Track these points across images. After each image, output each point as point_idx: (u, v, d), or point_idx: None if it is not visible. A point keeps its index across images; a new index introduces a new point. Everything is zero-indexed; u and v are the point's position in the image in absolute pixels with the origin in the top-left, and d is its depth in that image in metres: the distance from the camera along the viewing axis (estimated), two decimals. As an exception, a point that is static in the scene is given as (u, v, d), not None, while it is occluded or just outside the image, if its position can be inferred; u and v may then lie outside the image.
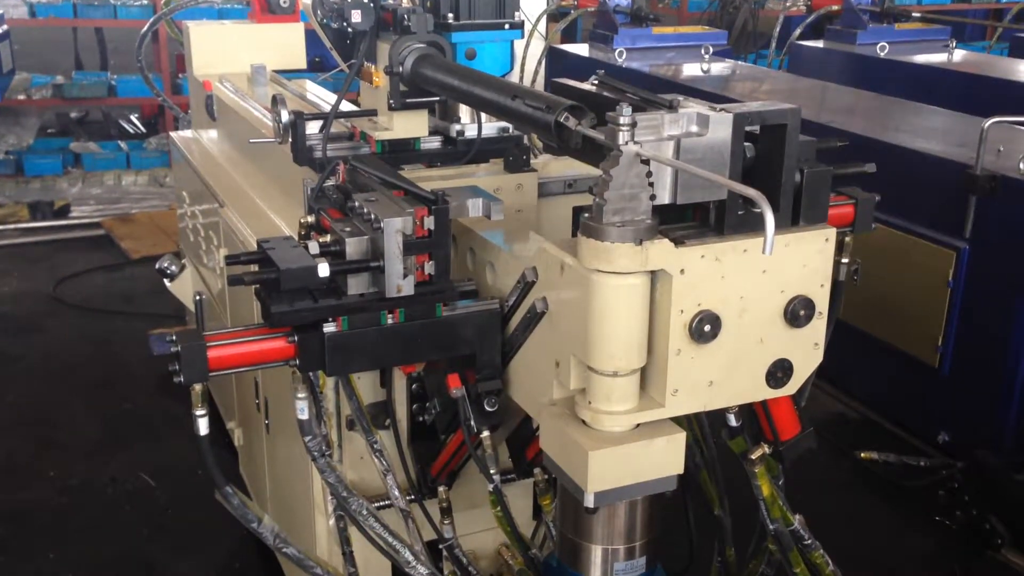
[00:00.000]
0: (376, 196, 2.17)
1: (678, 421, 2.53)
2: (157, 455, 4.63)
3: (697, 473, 2.77)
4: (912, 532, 4.20)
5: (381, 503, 2.70)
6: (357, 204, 2.15)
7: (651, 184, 1.86)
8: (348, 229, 2.12)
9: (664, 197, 1.93)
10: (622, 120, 1.82)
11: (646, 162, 1.84)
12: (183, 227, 5.07)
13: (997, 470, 4.10)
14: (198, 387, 2.06)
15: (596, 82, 2.23)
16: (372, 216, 2.07)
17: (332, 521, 2.74)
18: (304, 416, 2.24)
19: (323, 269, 2.01)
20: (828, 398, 5.13)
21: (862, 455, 4.58)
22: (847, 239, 2.46)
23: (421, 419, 2.64)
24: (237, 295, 3.57)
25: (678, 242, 1.89)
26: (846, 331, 4.73)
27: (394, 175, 2.26)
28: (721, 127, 1.91)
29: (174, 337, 1.99)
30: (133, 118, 9.84)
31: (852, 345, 4.80)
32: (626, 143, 1.82)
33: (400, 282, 2.05)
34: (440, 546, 2.62)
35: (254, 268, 2.17)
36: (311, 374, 2.28)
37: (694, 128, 1.92)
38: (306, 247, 2.08)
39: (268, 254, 2.04)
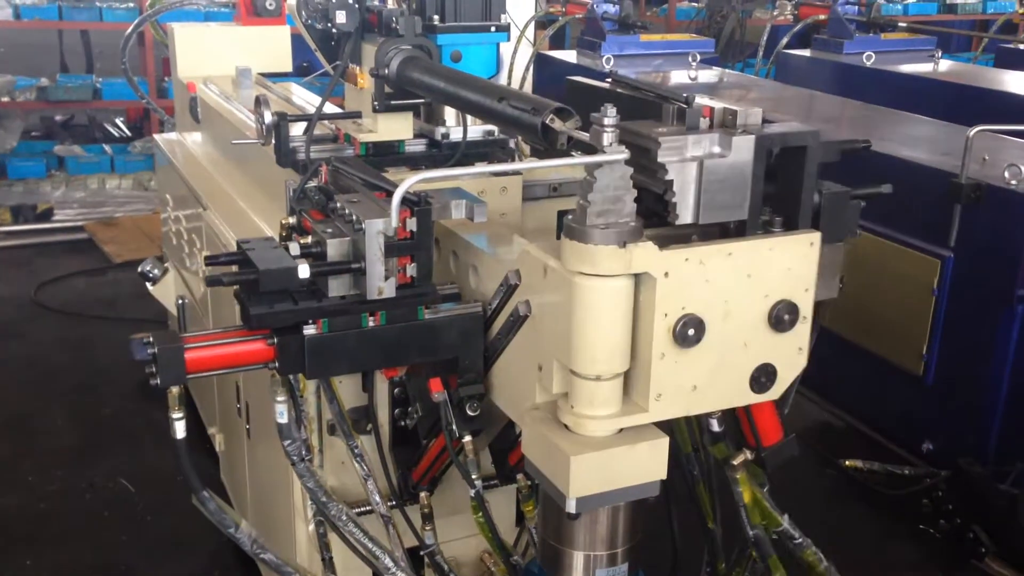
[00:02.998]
0: (358, 197, 2.15)
1: (677, 431, 2.53)
2: (137, 461, 4.59)
3: (694, 485, 2.74)
4: (896, 541, 4.19)
5: (362, 509, 2.67)
6: (339, 205, 2.13)
7: (675, 203, 1.88)
8: (329, 230, 2.10)
9: (687, 217, 1.94)
10: (607, 121, 1.81)
11: (630, 165, 1.83)
12: (166, 231, 5.04)
13: (981, 479, 4.10)
14: (175, 390, 2.03)
15: (610, 81, 2.23)
16: (353, 217, 2.05)
17: (312, 527, 2.72)
18: (283, 420, 2.22)
19: (303, 270, 1.98)
20: (813, 406, 5.13)
21: (846, 463, 4.57)
22: (833, 245, 2.44)
23: (403, 424, 2.61)
24: (219, 298, 3.55)
25: (662, 245, 1.87)
26: (831, 340, 4.73)
27: (376, 176, 2.25)
28: (743, 149, 1.93)
29: (151, 339, 1.96)
30: (119, 121, 9.79)
31: (837, 353, 4.80)
32: (610, 144, 1.80)
33: (381, 284, 2.03)
34: (421, 552, 2.60)
35: (235, 269, 2.14)
36: (291, 377, 2.25)
37: (716, 149, 1.93)
38: (287, 248, 2.06)
39: (248, 255, 2.01)
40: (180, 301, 4.66)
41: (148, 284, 5.03)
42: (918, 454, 4.57)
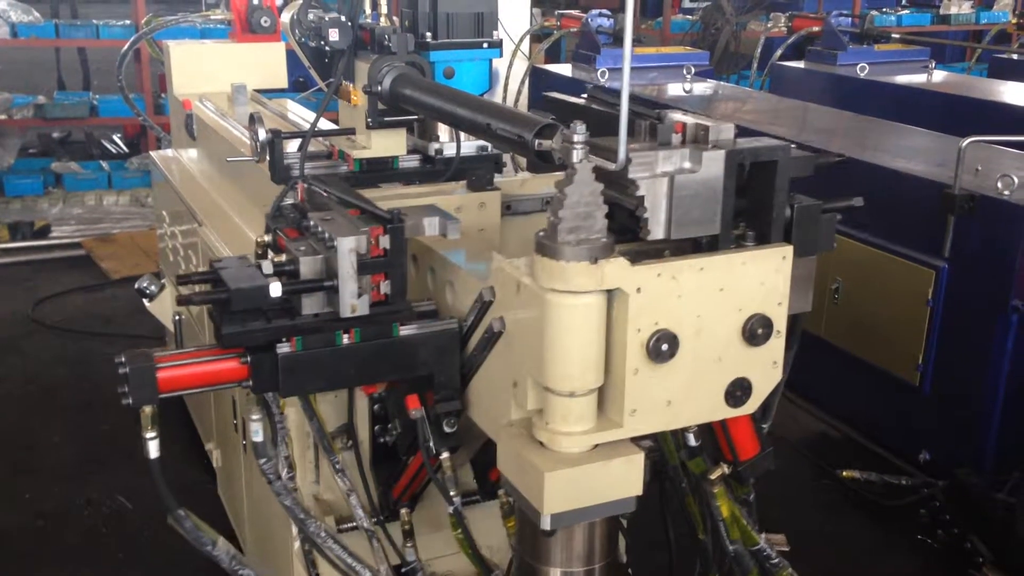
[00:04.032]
0: (331, 215, 2.16)
1: (663, 443, 2.52)
2: (134, 477, 4.57)
3: (683, 496, 2.73)
4: (894, 551, 4.18)
5: (350, 525, 2.66)
6: (312, 223, 2.13)
7: (647, 219, 1.88)
8: (303, 248, 2.10)
9: (658, 233, 1.93)
10: (576, 138, 1.81)
11: (600, 180, 1.83)
12: (163, 247, 5.05)
13: (978, 489, 4.08)
14: (148, 409, 2.03)
15: (587, 96, 2.23)
16: (326, 235, 2.05)
17: (297, 544, 2.71)
18: (258, 438, 2.22)
19: (275, 289, 1.98)
20: (810, 418, 5.12)
21: (844, 474, 4.56)
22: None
23: (383, 440, 2.61)
24: (214, 315, 3.55)
25: (634, 260, 1.87)
26: (827, 350, 4.74)
27: (351, 193, 2.25)
28: (714, 164, 1.92)
29: (123, 359, 1.96)
30: (116, 138, 9.82)
31: (833, 364, 4.80)
32: (580, 161, 1.80)
33: (354, 301, 2.03)
34: (402, 570, 2.58)
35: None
36: (270, 395, 2.25)
37: (687, 165, 1.92)
38: (259, 267, 2.06)
39: (220, 274, 2.01)
40: (177, 317, 4.65)
41: (145, 301, 5.03)
42: (915, 464, 4.56)
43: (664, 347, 1.90)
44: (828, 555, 4.11)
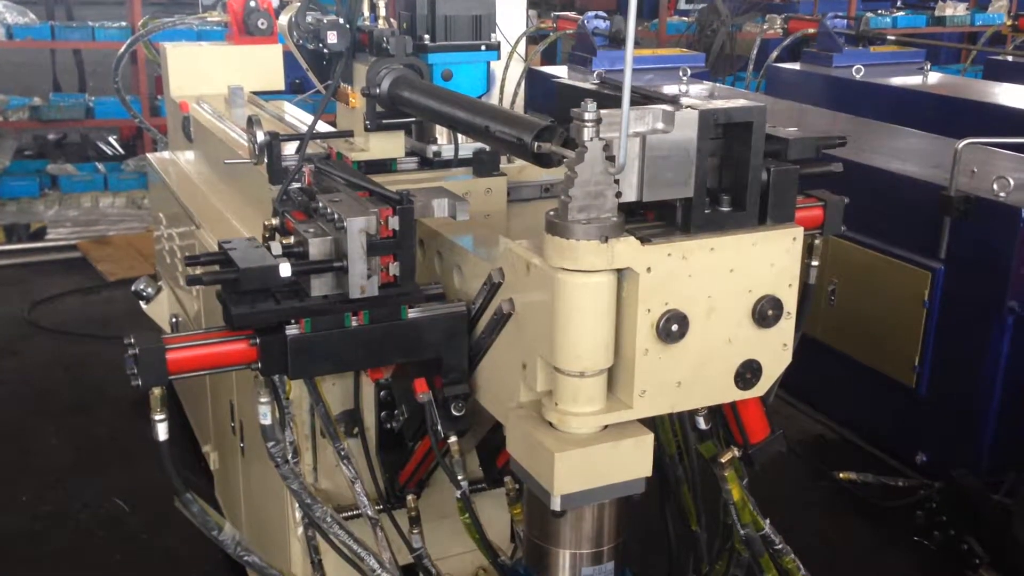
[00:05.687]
0: (340, 197, 2.16)
1: (660, 433, 2.52)
2: (131, 480, 4.55)
3: (678, 487, 2.73)
4: (891, 553, 4.17)
5: (353, 512, 2.65)
6: (321, 205, 2.13)
7: (617, 181, 1.85)
8: (311, 230, 2.10)
9: (630, 195, 1.91)
10: (587, 116, 1.81)
11: (611, 159, 1.83)
12: (159, 249, 5.03)
13: (974, 490, 4.08)
14: (157, 391, 2.03)
15: (598, 81, 2.23)
16: (335, 216, 2.05)
17: (300, 530, 2.70)
18: (266, 421, 2.21)
19: (284, 269, 1.98)
20: (807, 419, 5.12)
21: (840, 475, 4.56)
22: (816, 242, 2.44)
23: (389, 426, 2.60)
24: (213, 316, 3.53)
25: (645, 240, 1.87)
26: (824, 352, 4.75)
27: (359, 176, 2.25)
28: (687, 124, 1.90)
29: (132, 340, 1.96)
30: (112, 140, 9.81)
31: (830, 366, 4.80)
32: (590, 139, 1.80)
33: (363, 283, 2.03)
34: (411, 555, 2.58)
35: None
36: (276, 378, 2.24)
37: (660, 125, 1.90)
38: (268, 248, 2.06)
39: (229, 254, 2.01)
40: (174, 319, 4.65)
41: (142, 303, 5.03)
42: (911, 465, 4.56)
43: (674, 328, 1.90)
44: (825, 556, 4.10)
